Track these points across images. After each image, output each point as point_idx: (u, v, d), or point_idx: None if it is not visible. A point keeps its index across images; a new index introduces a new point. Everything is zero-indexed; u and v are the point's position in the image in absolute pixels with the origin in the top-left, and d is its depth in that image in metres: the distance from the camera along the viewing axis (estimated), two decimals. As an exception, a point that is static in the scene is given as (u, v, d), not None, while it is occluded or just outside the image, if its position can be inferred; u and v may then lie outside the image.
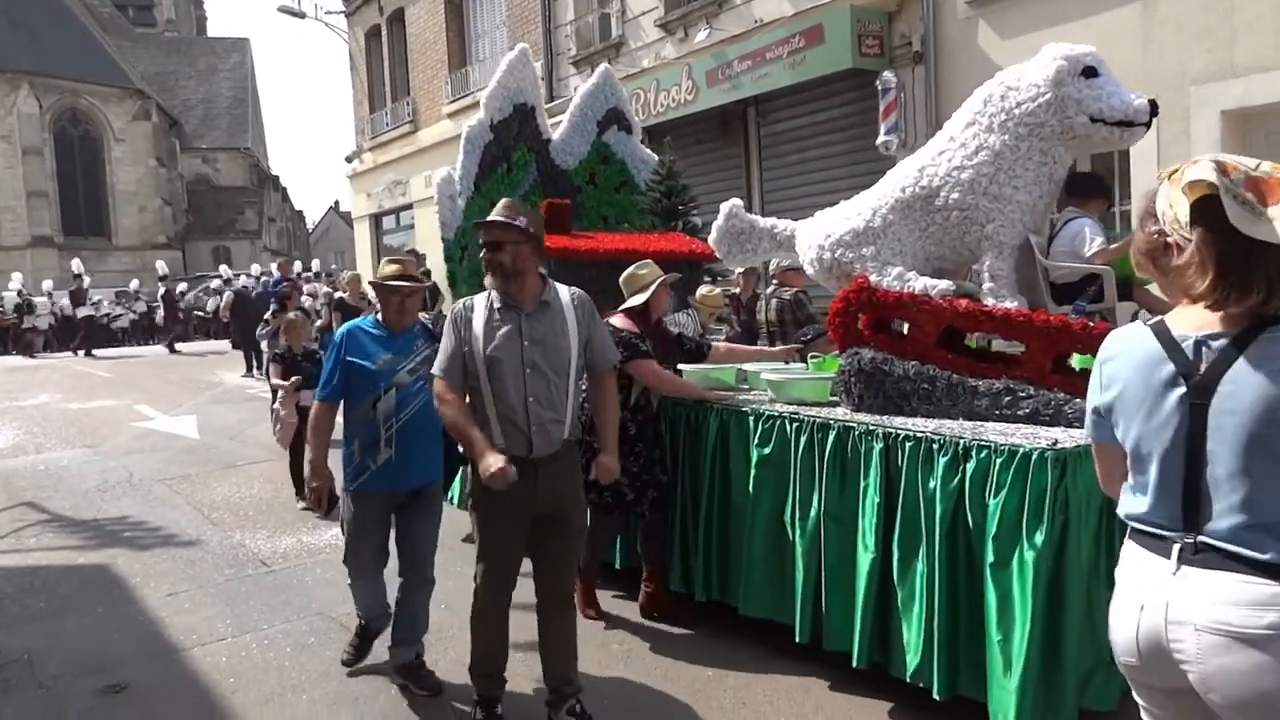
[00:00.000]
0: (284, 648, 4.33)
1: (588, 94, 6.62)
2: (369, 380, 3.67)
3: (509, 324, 3.21)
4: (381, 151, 20.50)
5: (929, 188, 4.20)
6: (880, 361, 3.83)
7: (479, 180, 6.08)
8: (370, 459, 3.68)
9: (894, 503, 3.44)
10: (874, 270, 4.27)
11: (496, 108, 6.20)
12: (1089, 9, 7.70)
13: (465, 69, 17.21)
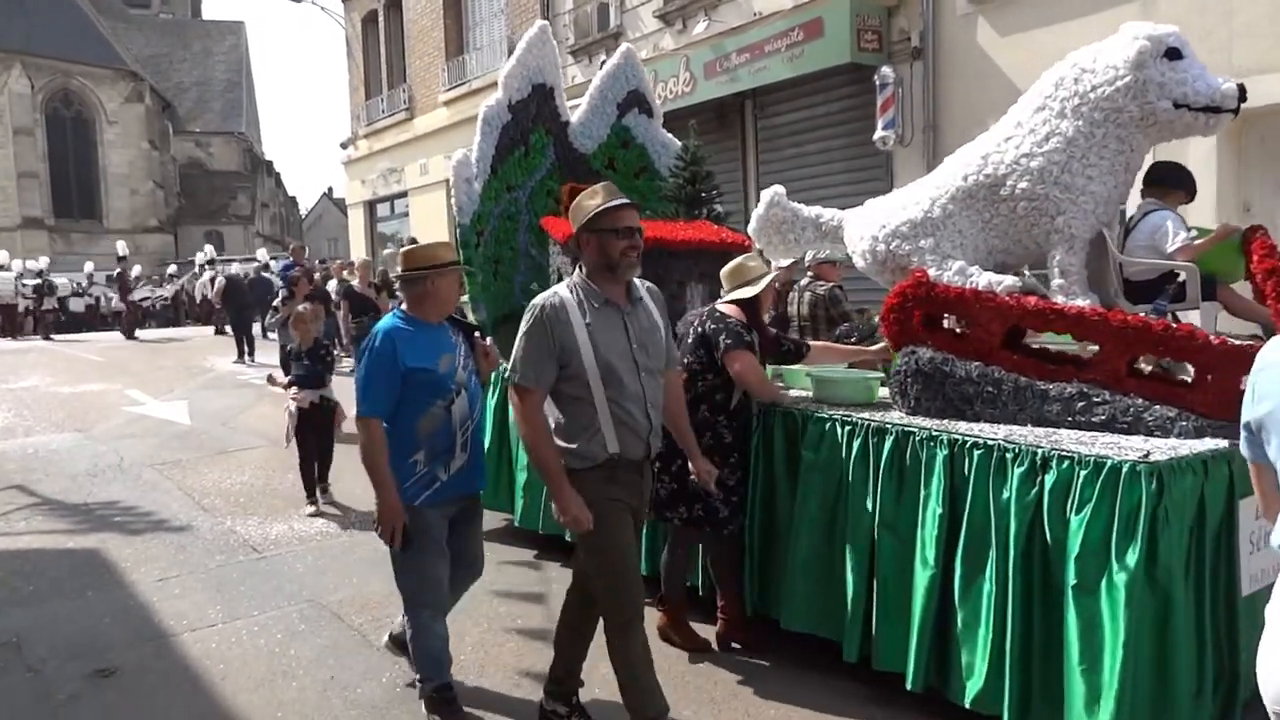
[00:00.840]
0: (274, 634, 4.32)
1: (608, 75, 6.30)
2: (437, 385, 3.32)
3: (615, 323, 2.98)
4: (376, 139, 20.41)
5: (994, 176, 3.92)
6: (940, 362, 3.57)
7: (495, 163, 5.75)
8: (442, 468, 3.36)
9: (958, 515, 3.19)
10: (933, 264, 3.99)
11: (515, 87, 5.83)
12: (1088, 8, 7.71)
13: (462, 57, 17.13)
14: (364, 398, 3.24)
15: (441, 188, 17.80)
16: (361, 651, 4.12)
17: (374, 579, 5.06)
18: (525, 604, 4.66)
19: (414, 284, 3.37)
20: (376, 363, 3.24)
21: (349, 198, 23.12)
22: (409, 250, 3.46)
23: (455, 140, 16.91)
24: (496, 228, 5.74)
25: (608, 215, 2.95)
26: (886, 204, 4.39)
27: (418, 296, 3.38)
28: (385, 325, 3.35)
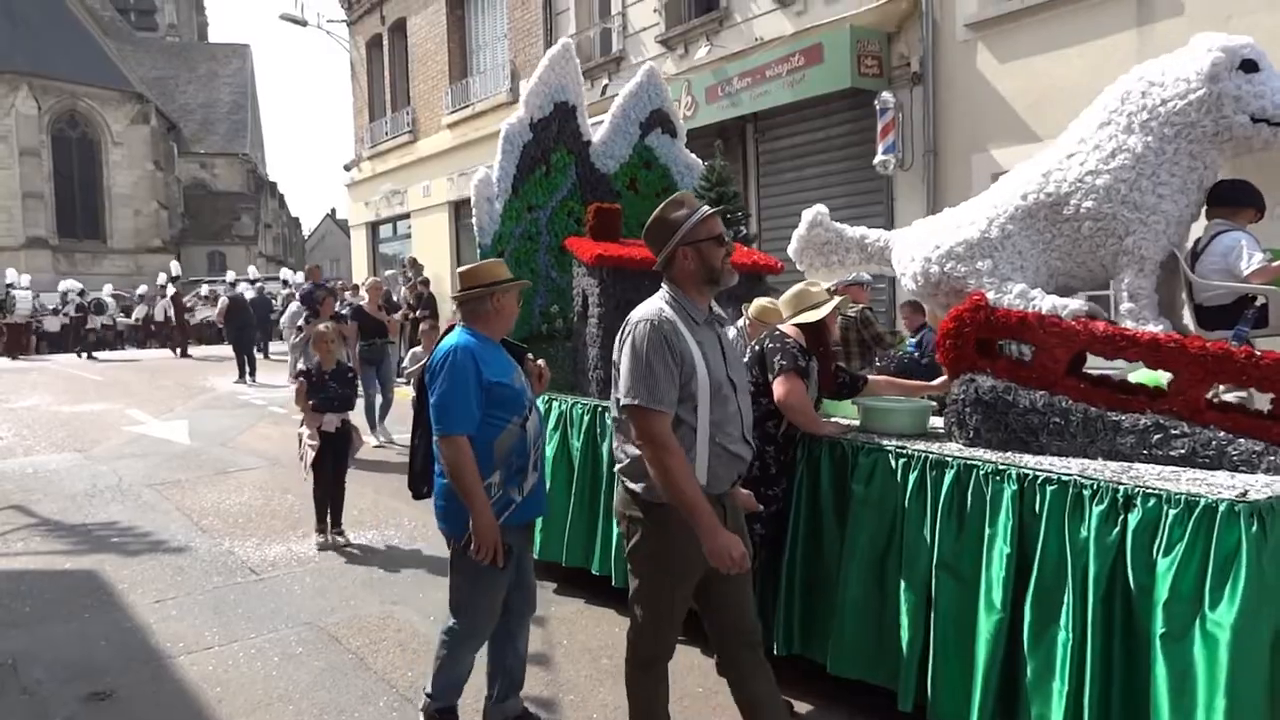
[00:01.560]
0: (271, 657, 4.30)
1: (631, 94, 6.16)
2: (514, 401, 3.20)
3: (713, 340, 2.81)
4: (380, 160, 20.52)
5: (1056, 195, 3.73)
6: (1002, 390, 3.35)
7: (517, 182, 5.63)
8: (516, 489, 3.22)
9: (1028, 556, 2.96)
10: (991, 286, 3.78)
11: (537, 105, 5.72)
12: (1086, 34, 7.78)
13: (466, 80, 17.26)
14: (449, 414, 3.07)
15: (444, 210, 17.88)
16: (359, 675, 4.09)
17: (371, 601, 5.04)
18: (524, 627, 4.63)
19: (477, 302, 3.27)
20: (460, 377, 3.09)
21: (352, 219, 23.22)
22: (470, 269, 3.35)
23: (458, 163, 17.01)
24: (516, 249, 5.64)
25: (705, 224, 2.79)
26: (937, 224, 4.19)
27: (482, 315, 3.28)
28: (458, 341, 3.20)
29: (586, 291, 5.05)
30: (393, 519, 6.78)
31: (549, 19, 14.50)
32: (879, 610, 3.42)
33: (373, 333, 9.84)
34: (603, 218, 5.26)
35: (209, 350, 23.44)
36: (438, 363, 3.16)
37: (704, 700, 3.80)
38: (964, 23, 8.78)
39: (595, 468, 4.78)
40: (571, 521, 4.86)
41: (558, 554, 4.94)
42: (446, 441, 3.07)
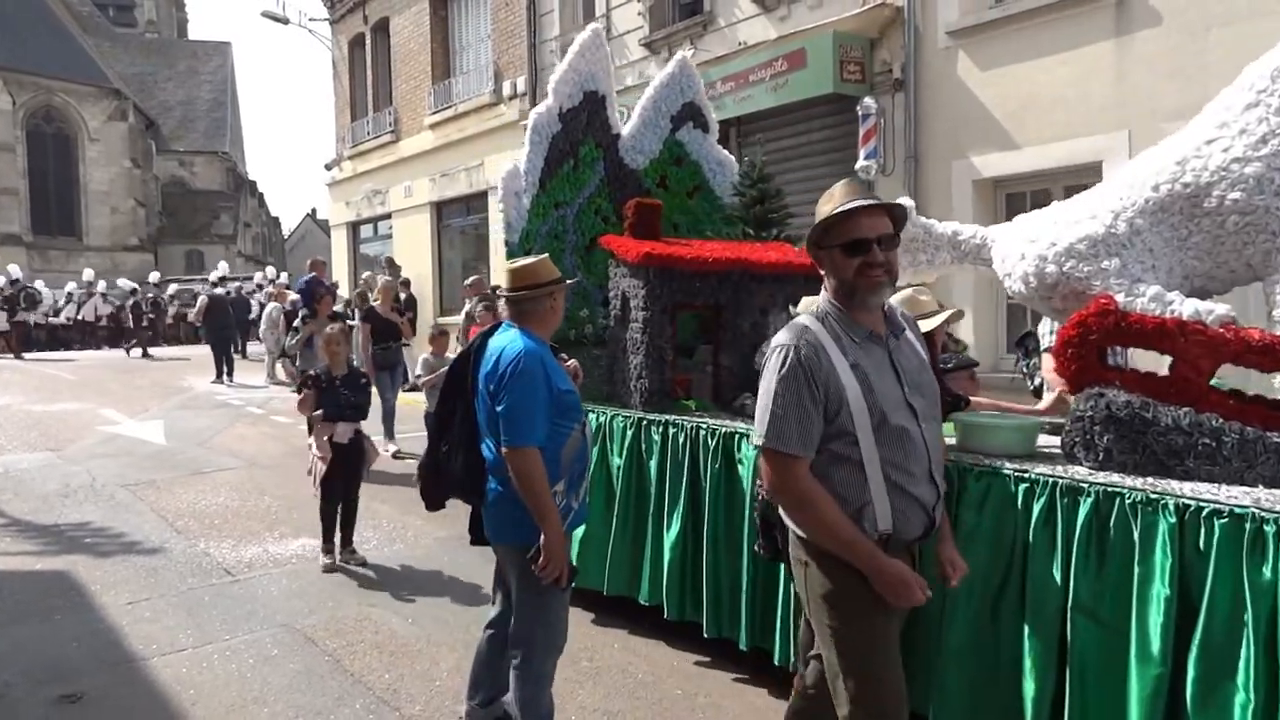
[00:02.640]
0: (246, 659, 4.25)
1: (662, 85, 5.74)
2: (576, 406, 3.11)
3: (881, 361, 2.37)
4: (361, 160, 20.40)
5: (1195, 185, 3.32)
6: (1139, 407, 2.94)
7: (544, 176, 5.25)
8: (575, 496, 3.12)
9: (1192, 600, 2.56)
10: (1120, 288, 3.37)
11: (566, 94, 5.28)
12: (1065, 44, 7.86)
13: (449, 81, 17.19)
14: (521, 426, 2.90)
15: (426, 210, 17.79)
16: (335, 677, 4.05)
17: (349, 603, 5.00)
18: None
19: (536, 301, 3.11)
20: (532, 386, 2.92)
21: (332, 219, 23.05)
22: (528, 265, 3.16)
23: (440, 164, 16.94)
24: (543, 248, 5.19)
25: (837, 226, 2.33)
26: (1048, 219, 3.77)
27: (539, 315, 3.12)
28: (525, 346, 2.99)
29: (628, 294, 4.68)
30: (370, 520, 6.73)
31: (533, 20, 14.48)
32: (993, 658, 2.99)
33: (386, 335, 9.29)
34: (643, 214, 4.93)
35: (177, 351, 23.21)
36: (505, 369, 2.96)
37: (684, 702, 3.80)
38: (945, 30, 8.84)
39: (640, 487, 4.43)
40: (614, 546, 4.49)
41: (597, 581, 4.53)
42: (519, 454, 2.89)
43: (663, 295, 4.55)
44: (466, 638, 4.48)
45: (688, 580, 4.19)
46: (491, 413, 3.01)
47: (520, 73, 14.79)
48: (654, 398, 4.52)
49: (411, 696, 3.86)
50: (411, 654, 4.30)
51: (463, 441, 3.17)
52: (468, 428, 3.15)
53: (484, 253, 16.27)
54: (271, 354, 16.32)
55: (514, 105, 14.86)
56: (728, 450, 3.98)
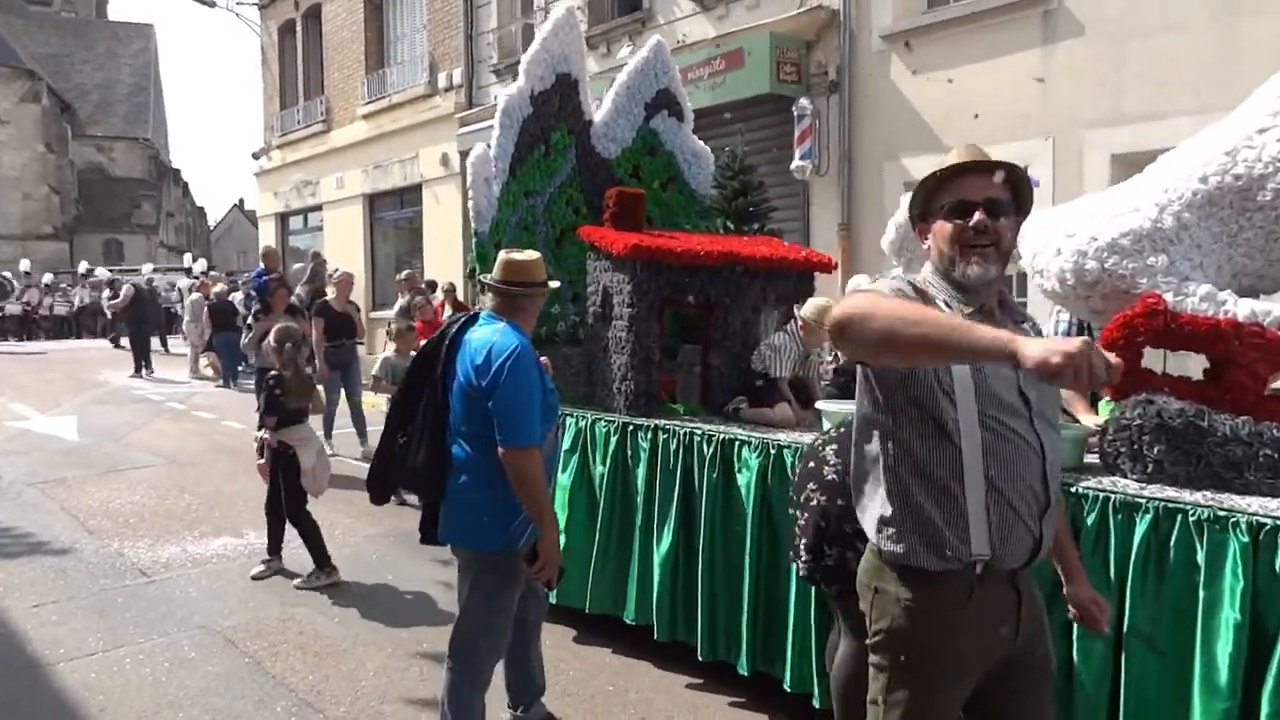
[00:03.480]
0: (161, 663, 4.08)
1: (635, 70, 5.43)
2: (555, 408, 3.06)
3: None
4: (291, 150, 19.87)
5: (1247, 177, 3.10)
6: (1194, 415, 2.72)
7: (515, 163, 4.93)
8: None
9: (1265, 627, 2.37)
10: (1168, 287, 3.12)
11: (538, 76, 4.99)
12: (992, 51, 8.06)
13: (382, 70, 16.85)
14: (520, 425, 2.77)
15: (358, 203, 17.42)
16: (255, 680, 3.92)
17: (271, 604, 4.84)
18: (430, 627, 4.52)
19: (530, 299, 3.02)
20: (529, 383, 2.81)
21: (260, 209, 22.41)
22: (526, 261, 3.03)
23: (374, 155, 16.60)
24: (512, 240, 4.88)
25: (940, 188, 1.99)
26: (1083, 211, 3.46)
27: (529, 312, 3.04)
28: (518, 341, 2.86)
29: (610, 289, 4.41)
30: (297, 518, 6.54)
31: (470, 12, 14.28)
32: (1066, 690, 2.73)
33: (340, 332, 8.57)
34: (626, 203, 4.66)
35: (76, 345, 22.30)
36: (501, 363, 2.79)
37: (616, 698, 3.77)
38: (879, 34, 8.99)
39: (626, 497, 4.14)
40: (597, 561, 4.19)
41: (578, 599, 4.24)
42: (522, 454, 2.76)
43: (650, 291, 4.27)
44: (395, 637, 4.38)
45: (679, 599, 3.91)
46: (472, 410, 2.84)
47: (456, 65, 14.58)
48: (640, 401, 4.25)
49: (336, 698, 3.75)
50: (337, 654, 4.19)
51: (427, 434, 2.97)
52: (434, 421, 2.96)
53: (418, 247, 16.01)
54: (195, 348, 15.79)
55: (450, 98, 14.64)
56: (726, 458, 3.73)
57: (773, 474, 3.55)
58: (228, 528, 6.27)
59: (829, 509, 2.70)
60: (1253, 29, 6.46)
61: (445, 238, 14.92)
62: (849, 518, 2.43)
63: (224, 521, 6.38)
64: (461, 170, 14.36)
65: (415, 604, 4.86)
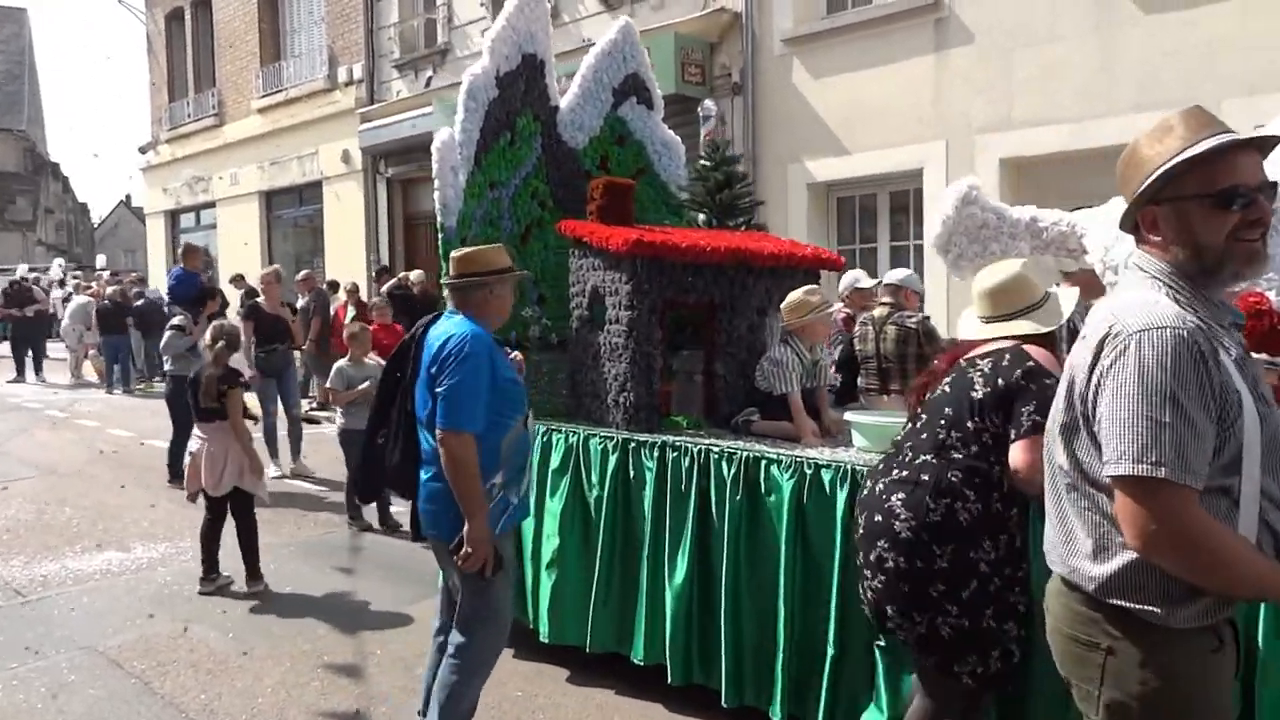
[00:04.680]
0: (38, 688, 3.83)
1: (603, 54, 5.11)
2: (520, 399, 3.04)
3: (1246, 361, 1.69)
4: (181, 144, 19.00)
5: None
6: None
7: (479, 151, 4.54)
8: (515, 491, 3.02)
9: None
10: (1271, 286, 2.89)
11: (504, 55, 4.61)
12: (889, 57, 8.31)
13: (279, 64, 16.28)
14: (460, 409, 2.80)
15: (254, 199, 16.80)
16: (142, 701, 3.72)
17: (161, 620, 4.61)
18: (332, 639, 4.38)
19: (471, 290, 3.01)
20: (475, 370, 2.82)
21: (148, 206, 21.36)
22: (466, 254, 3.07)
23: (270, 150, 16.03)
24: (478, 236, 4.50)
25: (1201, 169, 1.62)
26: None
27: (478, 303, 3.01)
28: (470, 330, 2.90)
29: (602, 290, 4.03)
30: (190, 530, 6.25)
31: (369, 5, 13.93)
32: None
33: (272, 337, 7.77)
34: (615, 194, 4.28)
35: None
36: (449, 350, 2.86)
37: (523, 704, 3.73)
38: (781, 38, 9.16)
39: (629, 524, 3.70)
40: (597, 595, 3.71)
41: (577, 636, 3.79)
42: (454, 438, 2.79)
43: (651, 291, 3.88)
44: (294, 650, 4.23)
45: (696, 637, 3.46)
46: (430, 400, 2.90)
47: (357, 59, 14.21)
48: (641, 414, 3.85)
49: (230, 715, 3.59)
50: (231, 671, 4.01)
51: (401, 433, 3.10)
52: (407, 419, 3.08)
53: (319, 245, 15.55)
54: (74, 352, 14.96)
55: (350, 92, 14.26)
56: (750, 479, 3.30)
57: (809, 496, 3.13)
58: (112, 542, 5.94)
59: (908, 572, 2.37)
60: (1129, 40, 6.84)
61: (347, 236, 14.53)
62: (931, 579, 2.34)
63: (108, 536, 6.04)
64: (364, 166, 14.02)
65: (316, 615, 4.70)
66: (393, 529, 6.09)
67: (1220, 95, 6.32)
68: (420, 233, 13.75)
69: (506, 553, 2.99)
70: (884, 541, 2.43)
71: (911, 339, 5.07)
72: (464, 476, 2.80)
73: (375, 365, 6.19)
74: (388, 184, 13.90)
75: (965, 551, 2.35)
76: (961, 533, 2.34)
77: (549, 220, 4.77)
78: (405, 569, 5.38)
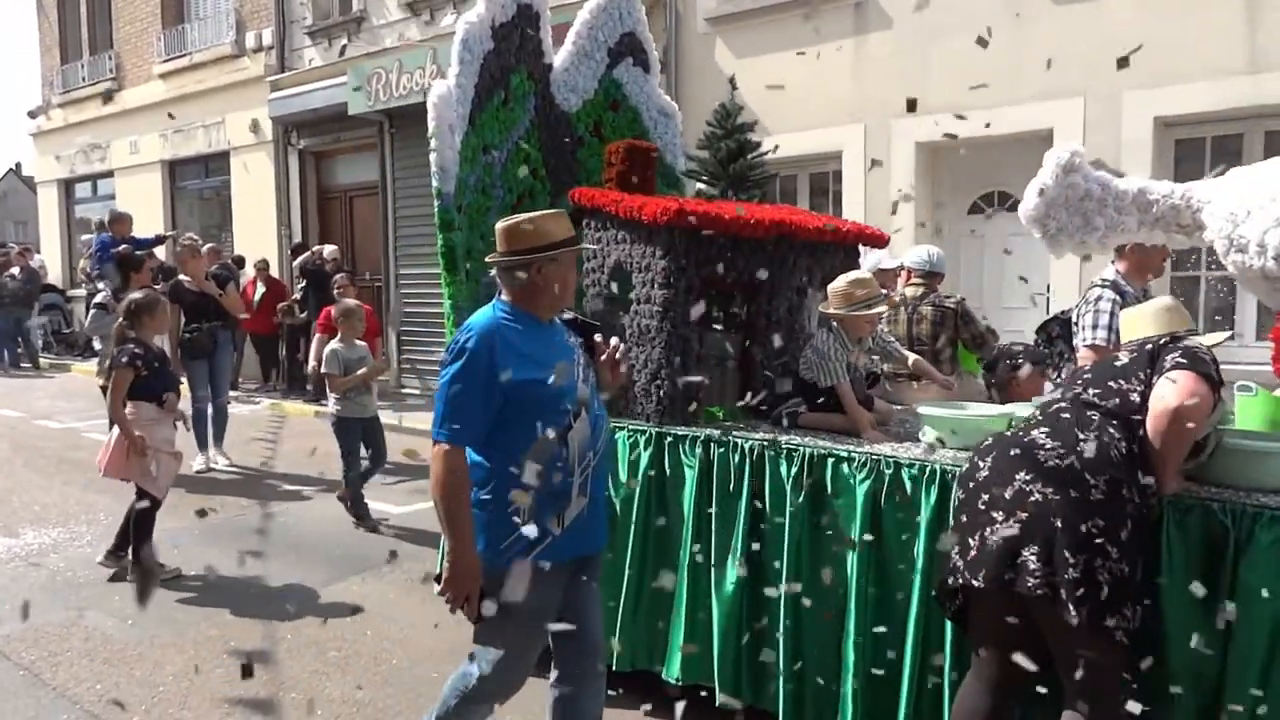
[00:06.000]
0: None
1: (598, 9, 4.77)
2: (551, 403, 2.42)
3: None
4: (75, 109, 17.95)
5: None
6: None
7: (474, 110, 4.10)
8: (553, 519, 2.43)
9: None
10: None
11: (500, 3, 4.21)
12: (811, 40, 8.37)
13: (182, 26, 15.49)
14: (446, 417, 2.36)
15: (157, 169, 16.01)
16: (32, 693, 3.53)
17: (53, 609, 4.38)
18: (240, 624, 4.23)
19: (516, 272, 2.50)
20: (466, 370, 2.37)
21: (39, 175, 20.13)
22: (511, 225, 2.54)
23: (174, 118, 15.27)
24: (470, 205, 4.10)
25: None
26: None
27: (523, 288, 2.51)
28: (482, 320, 2.47)
29: (629, 265, 3.64)
30: (86, 513, 5.97)
31: (281, -32, 13.36)
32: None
33: (197, 314, 7.23)
34: (638, 159, 3.91)
35: None
36: (451, 348, 2.45)
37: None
38: (704, 16, 9.14)
39: (665, 527, 3.35)
40: (625, 605, 3.38)
41: None
42: (437, 451, 2.35)
43: (688, 267, 3.52)
44: (198, 636, 4.07)
45: (746, 655, 3.11)
46: None
47: (266, 24, 13.63)
48: (676, 405, 3.47)
49: (129, 705, 3.44)
50: (130, 660, 3.84)
51: None
52: None
53: (227, 218, 14.93)
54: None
55: (259, 59, 13.68)
56: (815, 480, 2.98)
57: (886, 499, 2.81)
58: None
59: (1062, 503, 2.14)
60: (1037, 31, 7.04)
61: (257, 209, 13.98)
62: (1089, 513, 2.11)
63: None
64: (274, 137, 13.48)
65: (220, 600, 4.53)
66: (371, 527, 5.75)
67: (1122, 87, 6.60)
68: (335, 207, 13.34)
69: (520, 596, 2.31)
70: (1025, 474, 2.20)
71: (949, 320, 4.75)
72: (446, 493, 2.36)
73: (366, 347, 5.90)
74: (300, 156, 13.41)
75: (1119, 487, 2.15)
76: (1113, 464, 2.17)
77: (541, 190, 4.40)
78: (317, 549, 5.24)
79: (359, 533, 5.65)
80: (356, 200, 12.89)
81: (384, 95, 10.84)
